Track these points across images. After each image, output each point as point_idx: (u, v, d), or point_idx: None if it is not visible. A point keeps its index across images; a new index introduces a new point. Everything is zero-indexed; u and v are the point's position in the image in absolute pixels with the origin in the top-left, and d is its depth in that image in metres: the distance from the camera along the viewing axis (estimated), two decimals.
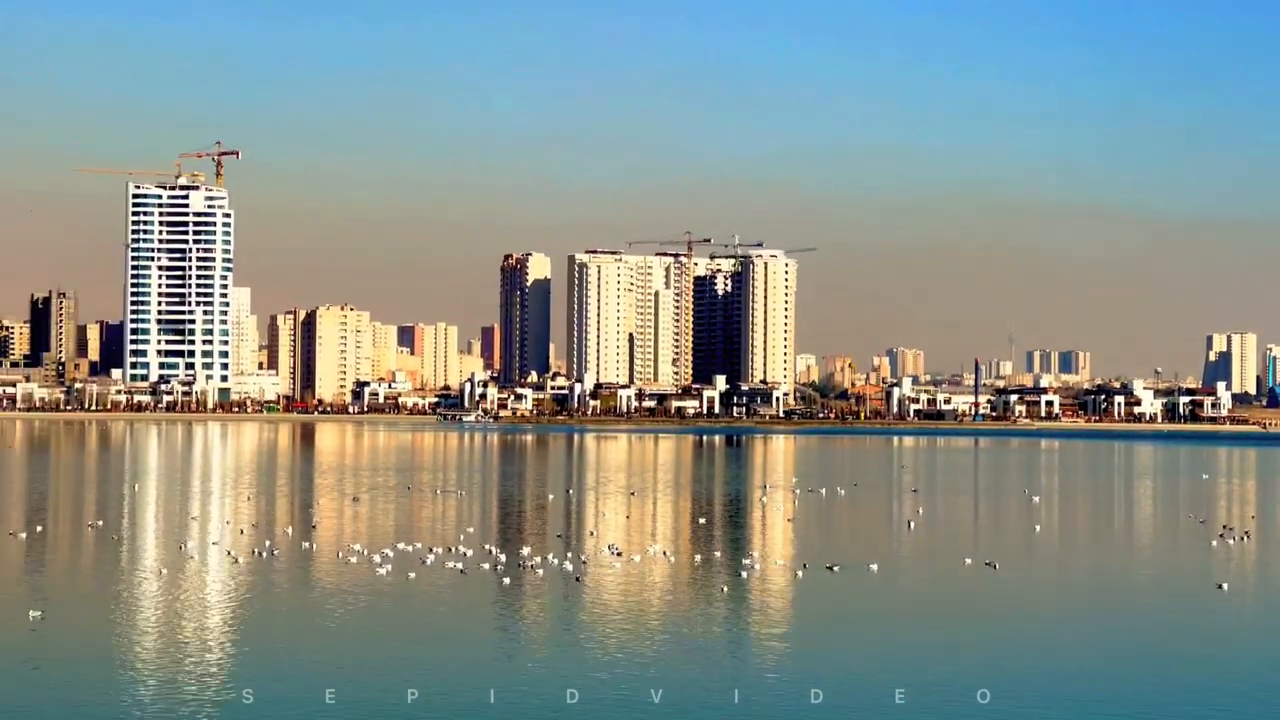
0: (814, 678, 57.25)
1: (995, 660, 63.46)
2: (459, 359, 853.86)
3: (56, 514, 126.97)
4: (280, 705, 51.14)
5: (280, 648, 62.58)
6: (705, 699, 53.43)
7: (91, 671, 56.07)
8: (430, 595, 77.65)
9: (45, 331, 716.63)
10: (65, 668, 57.22)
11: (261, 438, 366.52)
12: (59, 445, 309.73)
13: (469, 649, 63.23)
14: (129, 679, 54.56)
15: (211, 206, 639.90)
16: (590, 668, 58.54)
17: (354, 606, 73.66)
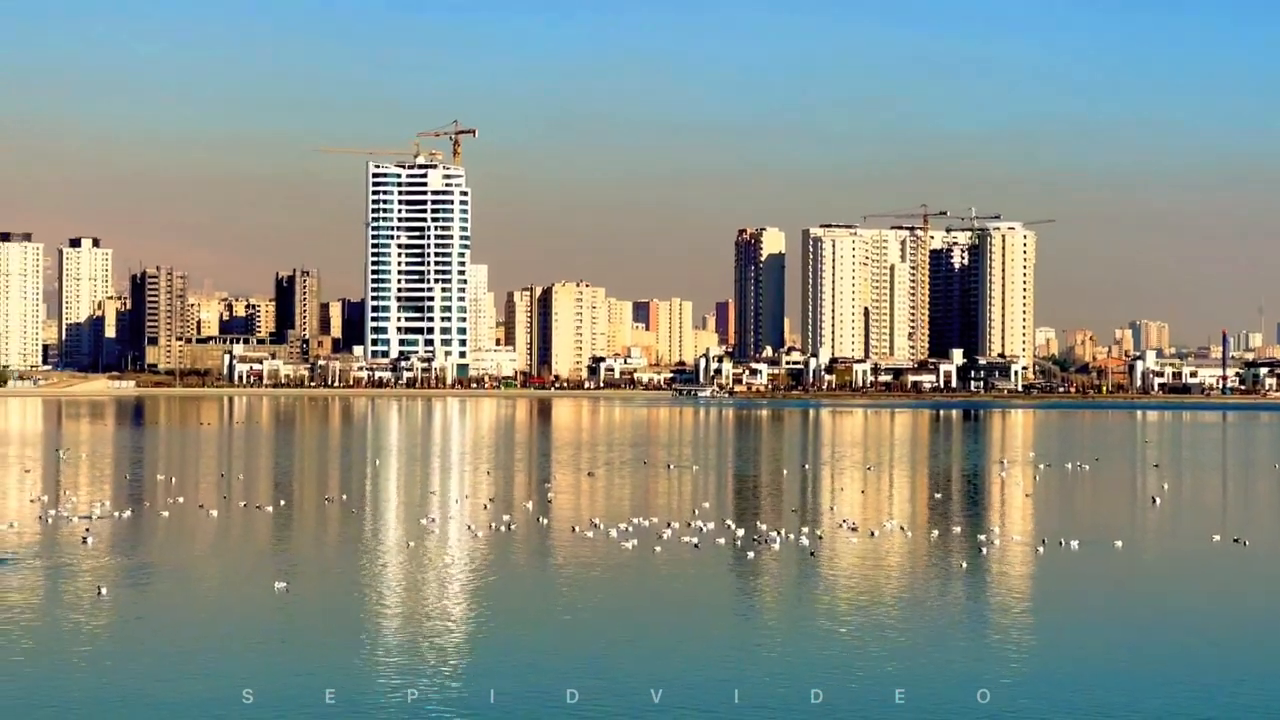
0: (1066, 657, 55.78)
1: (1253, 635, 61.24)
2: (693, 334, 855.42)
3: (301, 488, 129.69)
4: (528, 673, 51.19)
5: (519, 621, 62.72)
6: (946, 688, 52.26)
7: (333, 643, 56.77)
8: (667, 571, 77.41)
9: (290, 310, 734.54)
10: (308, 639, 58.03)
11: (499, 413, 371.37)
12: (303, 421, 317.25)
13: (708, 630, 62.76)
14: (369, 651, 55.10)
15: (449, 185, 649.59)
16: (830, 648, 57.72)
17: (592, 581, 73.71)
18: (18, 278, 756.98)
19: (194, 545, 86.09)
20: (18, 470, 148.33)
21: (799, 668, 53.48)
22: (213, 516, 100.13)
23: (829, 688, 50.20)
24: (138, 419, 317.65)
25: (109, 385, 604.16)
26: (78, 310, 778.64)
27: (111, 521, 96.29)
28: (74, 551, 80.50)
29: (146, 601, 65.87)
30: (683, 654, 55.88)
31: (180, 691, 47.94)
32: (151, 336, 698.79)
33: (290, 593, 67.83)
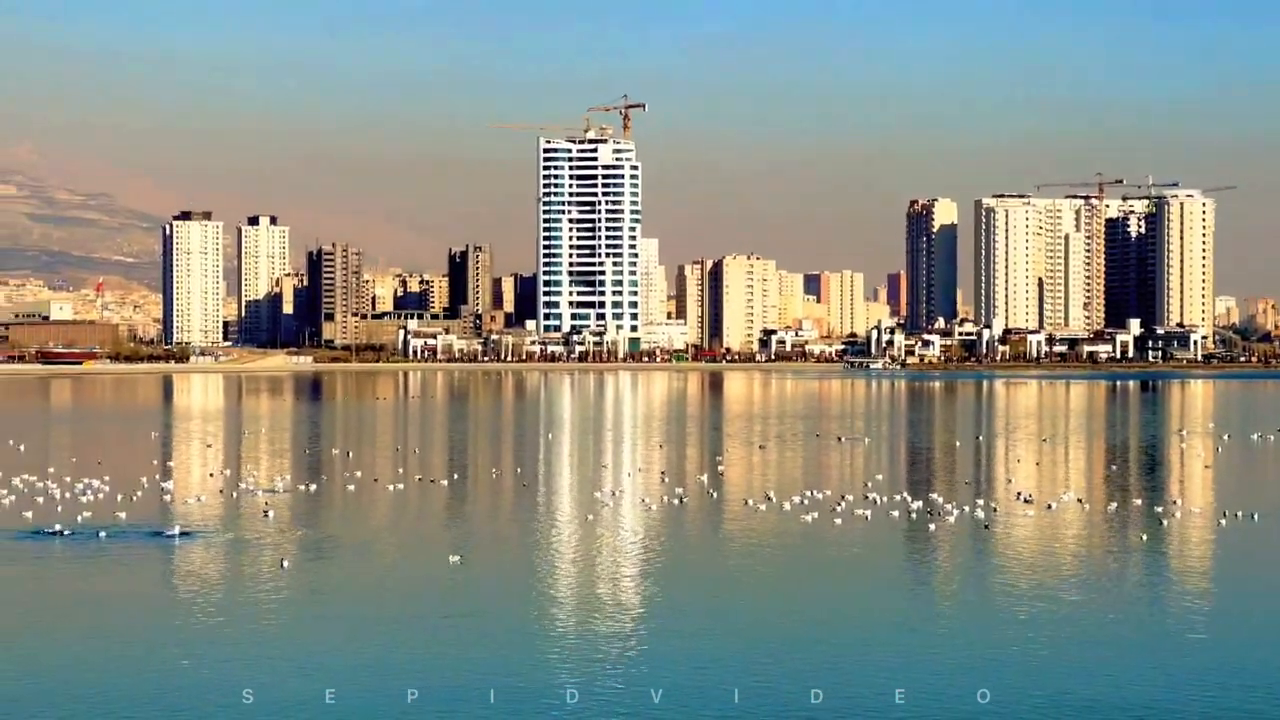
0: (1249, 628, 54.61)
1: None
2: (865, 306, 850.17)
3: (475, 462, 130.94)
4: (703, 640, 51.17)
5: (694, 591, 62.74)
6: (1130, 649, 51.37)
7: (505, 617, 57.14)
8: (840, 544, 77.01)
9: (463, 285, 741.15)
10: (481, 613, 58.49)
11: (670, 386, 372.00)
12: (476, 395, 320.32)
13: (879, 601, 62.36)
14: (543, 625, 55.39)
15: (619, 159, 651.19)
16: (1005, 629, 57.04)
17: (766, 553, 73.54)
18: (199, 256, 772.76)
19: (371, 519, 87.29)
20: (200, 445, 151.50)
21: (968, 661, 52.88)
22: (389, 490, 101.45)
23: (997, 685, 49.62)
24: (315, 394, 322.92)
25: (287, 361, 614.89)
26: (256, 287, 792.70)
27: (291, 495, 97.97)
28: (256, 525, 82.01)
29: (327, 574, 66.92)
30: (854, 631, 55.52)
31: (359, 662, 48.58)
32: (328, 313, 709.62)
33: (465, 566, 68.47)
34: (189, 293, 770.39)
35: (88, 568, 67.59)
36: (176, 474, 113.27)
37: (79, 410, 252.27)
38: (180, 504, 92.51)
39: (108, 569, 67.31)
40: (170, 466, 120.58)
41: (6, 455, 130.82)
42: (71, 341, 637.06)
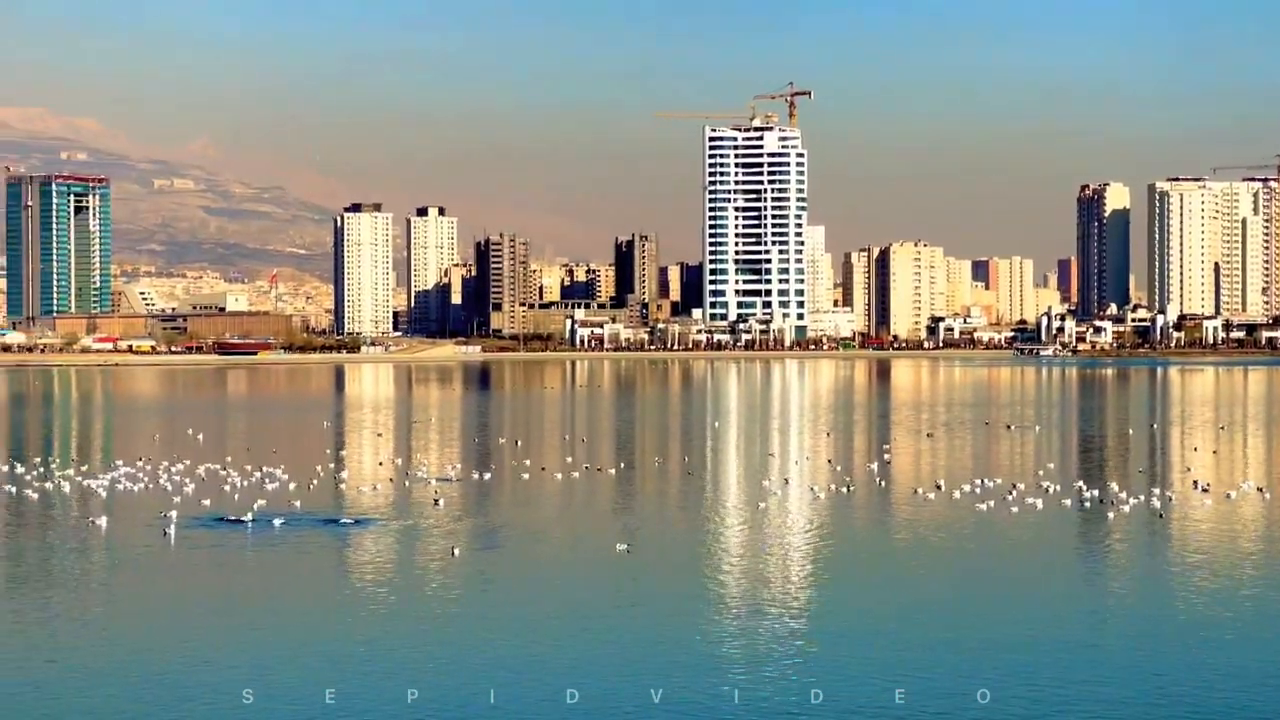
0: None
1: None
2: (1034, 292, 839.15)
3: (642, 451, 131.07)
4: (868, 641, 50.68)
5: (866, 582, 62.23)
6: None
7: (674, 606, 57.05)
8: (1010, 533, 75.92)
9: (629, 274, 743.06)
10: (649, 601, 58.42)
11: (837, 374, 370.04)
12: (643, 384, 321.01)
13: (1056, 589, 61.39)
14: (709, 616, 55.18)
15: (785, 147, 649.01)
16: (1187, 617, 55.85)
17: (935, 542, 72.74)
18: (369, 247, 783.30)
19: (540, 507, 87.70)
20: (371, 434, 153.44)
21: (1149, 651, 51.80)
22: (557, 479, 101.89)
23: (1176, 674, 48.57)
24: (484, 383, 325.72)
25: (456, 350, 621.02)
26: (425, 278, 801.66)
27: (461, 484, 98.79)
28: (427, 514, 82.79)
29: (496, 563, 67.30)
30: (1032, 626, 54.66)
31: (529, 649, 48.72)
32: (496, 302, 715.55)
33: (632, 554, 68.50)
34: (359, 283, 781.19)
35: (265, 554, 68.66)
36: (349, 463, 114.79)
37: (254, 400, 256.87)
38: (353, 492, 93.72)
39: (284, 556, 68.31)
40: (343, 455, 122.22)
41: (186, 444, 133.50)
42: (246, 332, 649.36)
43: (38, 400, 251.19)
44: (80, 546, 71.65)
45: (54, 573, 65.39)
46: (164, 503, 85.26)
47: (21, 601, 58.00)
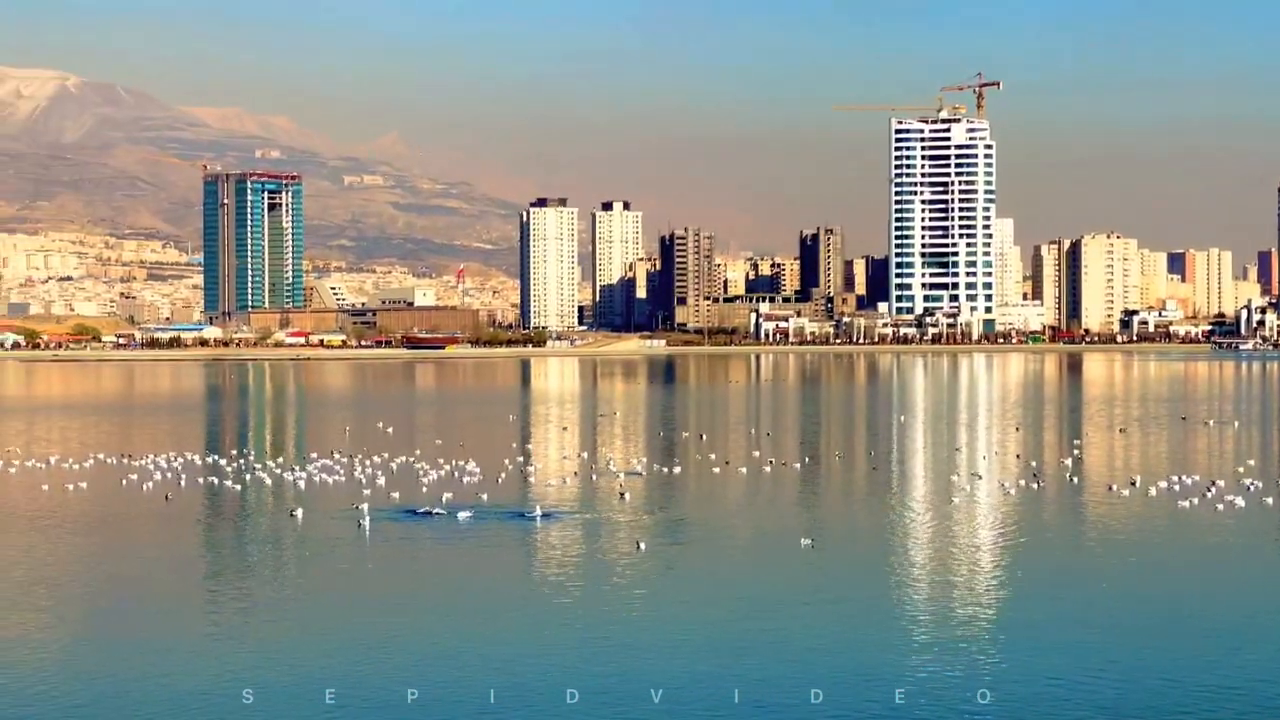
0: None
1: None
2: (1233, 285, 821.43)
3: (827, 445, 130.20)
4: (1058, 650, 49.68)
5: (1057, 580, 61.03)
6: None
7: (856, 603, 56.42)
8: (1213, 531, 74.05)
9: (814, 267, 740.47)
10: (832, 599, 57.86)
11: (1026, 368, 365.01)
12: (828, 378, 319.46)
13: (1263, 589, 59.72)
14: (894, 613, 54.49)
15: (973, 138, 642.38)
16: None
17: (1135, 540, 71.17)
18: (554, 242, 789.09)
19: (724, 502, 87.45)
20: (557, 428, 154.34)
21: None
22: (741, 474, 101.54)
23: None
24: (668, 377, 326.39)
25: (640, 344, 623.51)
26: (610, 272, 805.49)
27: (646, 478, 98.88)
28: (612, 507, 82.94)
29: (681, 557, 67.15)
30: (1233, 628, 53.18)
31: (712, 642, 48.46)
32: (680, 296, 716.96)
33: (816, 549, 67.93)
34: (545, 278, 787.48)
35: (453, 547, 69.20)
36: (535, 456, 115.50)
37: (442, 394, 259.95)
38: (540, 485, 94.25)
39: (472, 548, 68.81)
40: (529, 449, 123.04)
41: (375, 437, 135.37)
42: (434, 326, 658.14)
43: (233, 393, 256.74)
44: (275, 537, 72.85)
45: (251, 563, 66.56)
46: (356, 495, 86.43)
47: (221, 591, 59.07)
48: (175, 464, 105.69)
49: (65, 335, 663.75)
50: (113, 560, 66.19)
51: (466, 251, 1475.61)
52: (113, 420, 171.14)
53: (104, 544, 70.67)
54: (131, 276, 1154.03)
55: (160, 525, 76.86)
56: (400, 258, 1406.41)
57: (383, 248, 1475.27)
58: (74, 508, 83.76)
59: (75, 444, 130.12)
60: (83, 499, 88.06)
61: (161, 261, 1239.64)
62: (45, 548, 69.31)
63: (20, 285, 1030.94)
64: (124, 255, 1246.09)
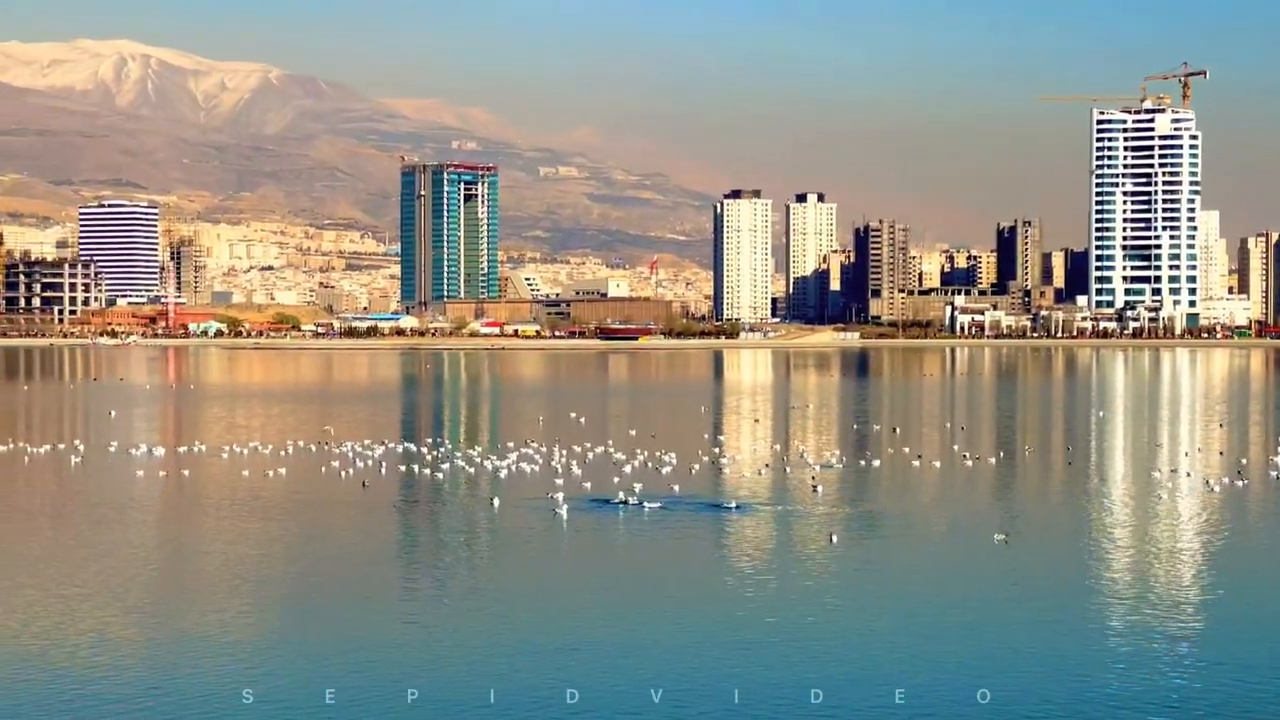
0: None
1: None
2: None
3: (1023, 440, 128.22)
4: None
5: (1253, 580, 59.47)
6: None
7: (1052, 601, 55.41)
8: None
9: (1011, 260, 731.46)
10: (1027, 595, 56.91)
11: (1231, 364, 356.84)
12: (1025, 372, 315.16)
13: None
14: (1089, 611, 53.46)
15: (1178, 129, 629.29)
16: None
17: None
18: (748, 234, 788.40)
19: (918, 495, 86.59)
20: (749, 420, 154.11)
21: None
22: (935, 467, 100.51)
23: None
24: (861, 370, 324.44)
25: (834, 337, 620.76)
26: (804, 264, 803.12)
27: (839, 471, 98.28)
28: (805, 499, 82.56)
29: (874, 550, 66.59)
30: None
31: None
32: (874, 288, 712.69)
33: (1010, 545, 66.93)
34: (738, 269, 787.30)
35: (646, 538, 69.32)
36: (727, 447, 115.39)
37: (634, 384, 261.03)
38: (732, 477, 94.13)
39: (664, 539, 68.88)
40: (721, 440, 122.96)
41: (568, 427, 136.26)
42: (627, 318, 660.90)
43: (429, 382, 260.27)
44: (471, 525, 73.57)
45: (448, 551, 67.24)
46: (550, 485, 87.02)
47: (418, 579, 59.79)
48: (373, 452, 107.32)
49: (266, 324, 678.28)
50: (310, 546, 67.30)
51: (660, 243, 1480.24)
52: (311, 408, 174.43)
53: (302, 530, 71.90)
54: (330, 266, 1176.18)
55: (358, 512, 78.03)
56: (594, 249, 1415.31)
57: (577, 239, 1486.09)
58: (273, 493, 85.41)
59: (274, 431, 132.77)
60: (282, 485, 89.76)
61: (359, 252, 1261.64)
62: (245, 533, 70.73)
63: (223, 274, 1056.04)
64: (323, 245, 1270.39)
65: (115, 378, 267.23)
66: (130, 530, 71.23)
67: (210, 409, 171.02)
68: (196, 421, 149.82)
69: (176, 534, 70.87)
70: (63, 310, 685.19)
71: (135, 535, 69.84)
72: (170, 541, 68.66)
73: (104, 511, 77.57)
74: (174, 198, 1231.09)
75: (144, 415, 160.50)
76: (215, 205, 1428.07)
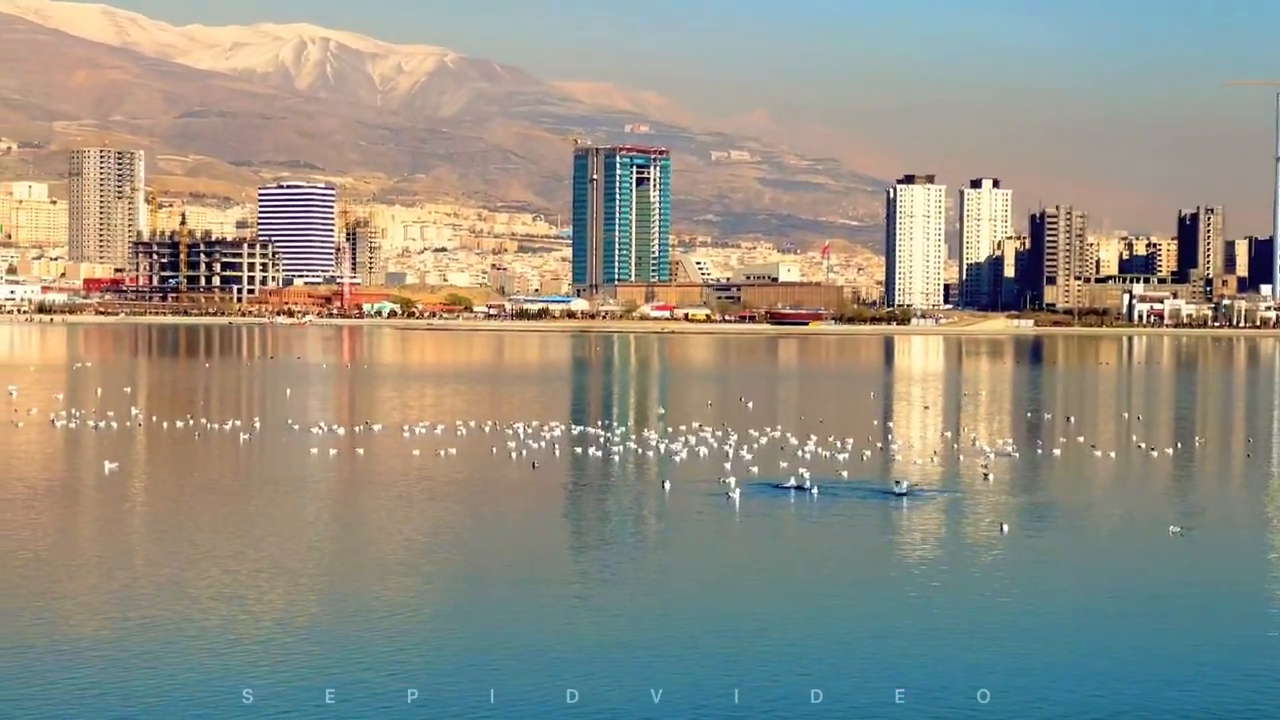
0: None
1: None
2: None
3: (1201, 431, 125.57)
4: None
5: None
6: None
7: (1228, 595, 54.19)
8: None
9: (1192, 248, 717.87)
10: (1204, 587, 55.70)
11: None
12: (1205, 362, 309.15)
13: None
14: (1267, 605, 52.18)
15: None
16: None
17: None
18: (921, 219, 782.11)
19: (1091, 485, 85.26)
20: (919, 406, 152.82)
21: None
22: (1110, 457, 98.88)
23: None
24: (1035, 358, 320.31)
25: (1007, 324, 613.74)
26: (977, 250, 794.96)
27: (1011, 459, 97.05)
28: (976, 487, 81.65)
29: (1045, 540, 65.62)
30: None
31: (1077, 631, 47.19)
32: (1049, 276, 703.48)
33: (1185, 537, 65.59)
34: (910, 255, 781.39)
35: (815, 521, 69.00)
36: (896, 434, 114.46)
37: (804, 369, 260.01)
38: (901, 463, 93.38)
39: (833, 523, 68.50)
40: (890, 426, 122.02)
41: (737, 411, 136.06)
42: (798, 302, 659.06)
43: (599, 365, 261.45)
44: (640, 508, 73.73)
45: (619, 533, 67.40)
46: (718, 469, 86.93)
47: (584, 562, 60.04)
48: (543, 433, 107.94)
49: (439, 305, 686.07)
50: (479, 526, 67.78)
51: (832, 228, 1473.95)
52: (482, 389, 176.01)
53: (471, 510, 72.44)
54: (503, 248, 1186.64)
55: (527, 493, 78.45)
56: (765, 233, 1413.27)
57: (748, 223, 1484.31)
58: (444, 473, 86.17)
59: (446, 411, 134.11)
60: (452, 465, 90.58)
61: (531, 234, 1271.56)
62: (415, 512, 71.46)
63: (397, 255, 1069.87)
64: (495, 228, 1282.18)
65: (292, 356, 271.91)
66: (305, 506, 72.29)
67: (383, 388, 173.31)
68: (370, 401, 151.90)
69: (349, 511, 71.82)
70: (241, 289, 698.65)
71: (309, 511, 70.87)
72: (342, 518, 69.57)
73: (279, 487, 78.88)
74: (350, 179, 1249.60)
75: (319, 394, 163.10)
76: (390, 187, 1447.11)
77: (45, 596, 49.94)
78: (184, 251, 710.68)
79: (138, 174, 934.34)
